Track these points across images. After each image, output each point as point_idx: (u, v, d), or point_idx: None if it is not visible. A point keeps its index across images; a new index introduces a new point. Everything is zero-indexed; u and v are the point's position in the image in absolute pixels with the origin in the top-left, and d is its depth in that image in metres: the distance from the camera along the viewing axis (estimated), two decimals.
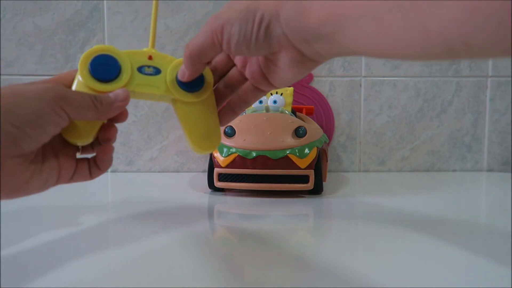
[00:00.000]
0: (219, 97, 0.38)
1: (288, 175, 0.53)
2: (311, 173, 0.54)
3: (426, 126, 0.75)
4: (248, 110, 0.62)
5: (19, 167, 0.30)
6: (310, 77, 0.74)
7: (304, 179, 0.54)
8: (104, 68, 0.34)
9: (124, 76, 0.35)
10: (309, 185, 0.54)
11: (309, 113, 0.68)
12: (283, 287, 0.31)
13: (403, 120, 0.75)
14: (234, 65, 0.38)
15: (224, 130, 0.56)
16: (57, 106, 0.31)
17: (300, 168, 0.53)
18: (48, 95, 0.31)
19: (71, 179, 0.35)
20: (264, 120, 0.56)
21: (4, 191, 0.30)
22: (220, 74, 0.38)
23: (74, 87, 0.34)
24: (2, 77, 0.71)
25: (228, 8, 0.32)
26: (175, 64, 0.36)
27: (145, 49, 0.36)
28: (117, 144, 0.72)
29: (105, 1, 0.72)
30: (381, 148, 0.76)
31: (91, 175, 0.36)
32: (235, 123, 0.57)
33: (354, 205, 0.53)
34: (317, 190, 0.56)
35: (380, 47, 0.26)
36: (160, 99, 0.37)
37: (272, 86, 0.36)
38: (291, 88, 0.65)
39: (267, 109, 0.61)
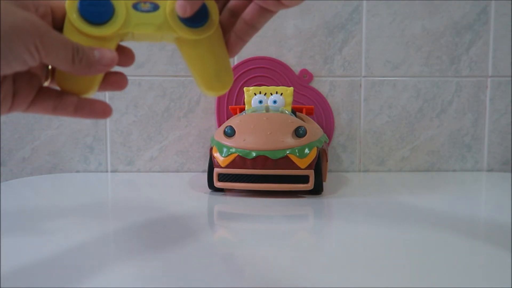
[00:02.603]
0: (224, 27, 0.34)
1: (288, 175, 0.53)
2: (311, 173, 0.53)
3: (426, 126, 0.75)
4: (248, 110, 0.62)
5: None
6: (310, 77, 0.74)
7: (304, 179, 0.54)
8: (96, 8, 0.31)
9: (120, 16, 0.31)
10: (309, 185, 0.54)
11: (309, 113, 0.68)
12: (283, 287, 0.31)
13: (403, 120, 0.75)
14: None
15: (224, 130, 0.56)
16: (32, 44, 0.26)
17: (300, 168, 0.53)
18: (26, 27, 0.26)
19: (28, 108, 0.31)
20: (264, 120, 0.56)
21: None
22: (222, 1, 0.35)
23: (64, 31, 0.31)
24: None
25: None
26: None
27: None
28: (117, 144, 0.72)
29: None
30: (381, 148, 0.76)
31: (55, 110, 0.31)
32: (235, 123, 0.57)
33: (354, 205, 0.53)
34: (317, 190, 0.56)
35: None
36: (162, 39, 0.34)
37: (282, 5, 0.31)
38: (291, 88, 0.65)
39: (267, 109, 0.61)
